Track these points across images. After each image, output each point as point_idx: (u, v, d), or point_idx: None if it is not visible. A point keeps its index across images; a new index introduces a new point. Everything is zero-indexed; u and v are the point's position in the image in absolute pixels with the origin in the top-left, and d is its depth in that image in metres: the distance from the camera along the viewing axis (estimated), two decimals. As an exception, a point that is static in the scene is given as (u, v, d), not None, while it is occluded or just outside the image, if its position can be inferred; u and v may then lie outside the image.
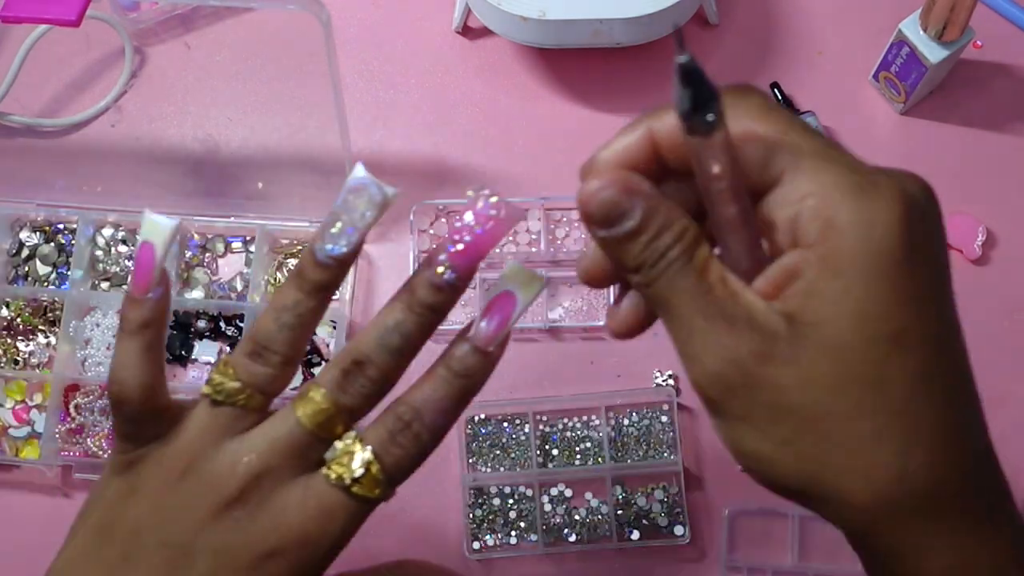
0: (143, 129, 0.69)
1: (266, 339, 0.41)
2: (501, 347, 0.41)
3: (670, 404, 0.61)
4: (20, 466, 0.62)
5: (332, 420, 0.40)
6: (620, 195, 0.33)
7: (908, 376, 0.32)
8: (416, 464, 0.41)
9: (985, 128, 0.68)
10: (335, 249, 0.40)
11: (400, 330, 0.41)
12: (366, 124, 0.69)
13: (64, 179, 0.68)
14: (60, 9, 0.50)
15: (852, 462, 0.33)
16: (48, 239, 0.66)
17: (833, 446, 0.33)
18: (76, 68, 0.70)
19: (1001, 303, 0.64)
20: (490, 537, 0.60)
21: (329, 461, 0.40)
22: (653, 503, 0.60)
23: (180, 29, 0.71)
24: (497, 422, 0.62)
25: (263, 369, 0.41)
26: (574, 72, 0.70)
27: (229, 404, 0.41)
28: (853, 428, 0.32)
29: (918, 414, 0.32)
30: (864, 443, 0.32)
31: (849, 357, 0.32)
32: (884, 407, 0.32)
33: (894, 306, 0.32)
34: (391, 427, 0.41)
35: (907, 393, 0.32)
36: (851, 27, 0.70)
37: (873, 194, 0.32)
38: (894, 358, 0.32)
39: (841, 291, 0.32)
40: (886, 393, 0.32)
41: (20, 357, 0.64)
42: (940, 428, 0.33)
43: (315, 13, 0.51)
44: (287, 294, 0.41)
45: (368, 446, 0.40)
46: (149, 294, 0.41)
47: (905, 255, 0.32)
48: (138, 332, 0.41)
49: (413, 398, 0.41)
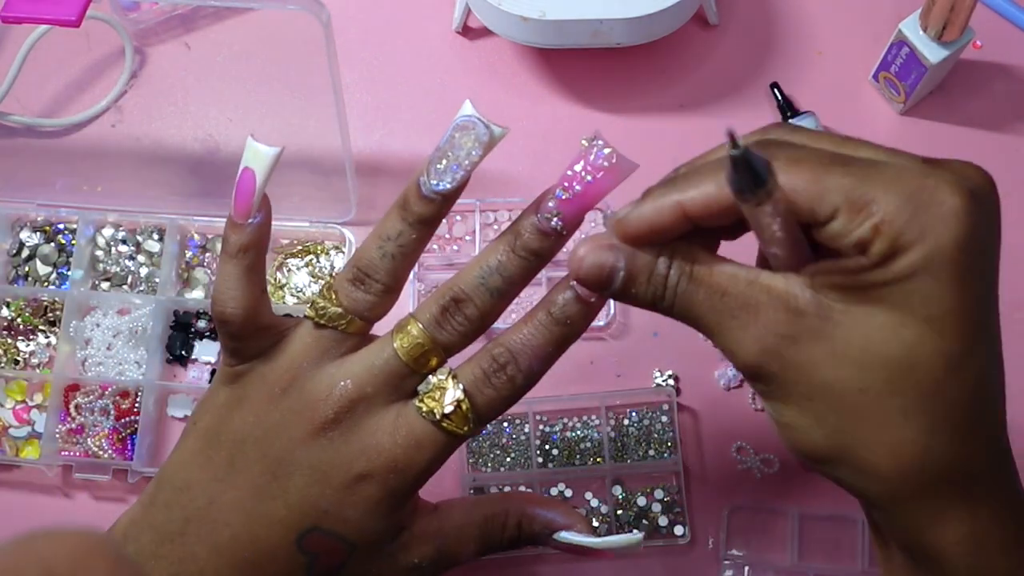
0: (143, 129, 0.69)
1: (368, 267, 0.42)
2: (602, 297, 0.41)
3: (670, 404, 0.61)
4: (20, 466, 0.62)
5: (427, 354, 0.42)
6: (601, 256, 0.37)
7: (941, 359, 0.33)
8: (507, 406, 0.42)
9: (985, 128, 0.68)
10: (440, 185, 0.41)
11: (501, 271, 0.41)
12: (366, 124, 0.69)
13: (64, 179, 0.68)
14: (60, 9, 0.50)
15: (879, 436, 0.33)
16: (48, 239, 0.66)
17: (862, 420, 0.34)
18: (76, 68, 0.70)
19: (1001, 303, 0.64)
20: (490, 537, 0.60)
21: (422, 394, 0.42)
22: (653, 503, 0.60)
23: (180, 29, 0.71)
24: (497, 422, 0.62)
25: (364, 296, 0.42)
26: (574, 72, 0.70)
27: (331, 327, 0.42)
28: (882, 404, 0.33)
29: (948, 397, 0.33)
30: (892, 419, 0.33)
31: (881, 335, 0.33)
32: (913, 386, 0.33)
33: (936, 293, 0.32)
34: (486, 367, 0.42)
35: (939, 376, 0.33)
36: (851, 27, 0.71)
37: (927, 197, 0.32)
38: (928, 340, 0.33)
39: (886, 288, 0.33)
40: (916, 373, 0.33)
41: (20, 357, 0.64)
42: (967, 413, 0.33)
43: (315, 13, 0.51)
44: (391, 224, 0.42)
45: (461, 384, 0.41)
46: (250, 219, 0.43)
47: (963, 255, 0.32)
48: (238, 255, 0.43)
49: (511, 341, 0.42)
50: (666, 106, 0.69)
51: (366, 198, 0.66)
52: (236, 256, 0.43)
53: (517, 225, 0.41)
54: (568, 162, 0.40)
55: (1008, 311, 0.63)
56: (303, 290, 0.65)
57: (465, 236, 0.66)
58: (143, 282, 0.65)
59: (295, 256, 0.66)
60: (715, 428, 0.62)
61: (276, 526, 0.41)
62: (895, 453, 0.33)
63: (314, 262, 0.66)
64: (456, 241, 0.66)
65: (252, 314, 0.43)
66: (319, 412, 0.41)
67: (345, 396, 0.41)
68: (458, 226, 0.66)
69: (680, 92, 0.69)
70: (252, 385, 0.43)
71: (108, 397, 0.62)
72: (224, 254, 0.43)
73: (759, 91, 0.69)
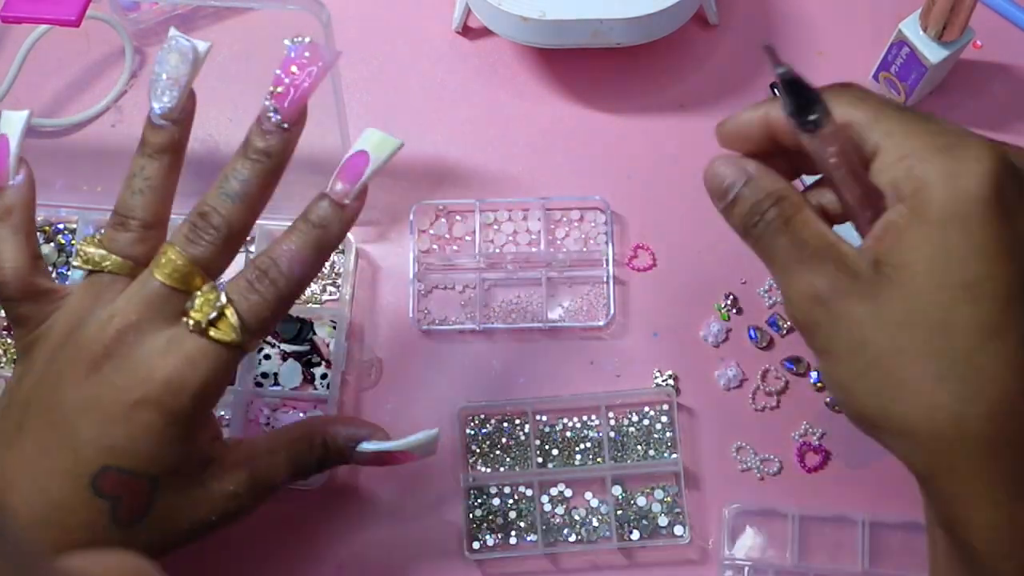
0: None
1: (122, 207, 0.45)
2: (358, 201, 0.45)
3: (670, 404, 0.61)
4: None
5: (188, 275, 0.43)
6: (727, 172, 0.39)
7: (976, 326, 0.34)
8: (274, 312, 0.44)
9: (985, 128, 0.68)
10: (160, 107, 0.44)
11: (237, 176, 0.44)
12: (366, 124, 0.68)
13: (64, 179, 0.68)
14: (60, 9, 0.50)
15: (916, 399, 0.34)
16: (48, 239, 0.66)
17: (900, 382, 0.35)
18: (76, 68, 0.70)
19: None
20: (490, 537, 0.60)
21: (189, 309, 0.43)
22: (653, 503, 0.60)
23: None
24: (497, 422, 0.62)
25: (124, 234, 0.45)
26: (574, 72, 0.70)
27: (98, 272, 0.44)
28: (918, 367, 0.34)
29: (982, 365, 0.34)
30: (926, 382, 0.34)
31: (921, 299, 0.34)
32: (947, 352, 0.34)
33: (970, 256, 0.34)
34: (249, 276, 0.44)
35: (973, 343, 0.34)
36: (851, 27, 0.71)
37: (960, 151, 0.35)
38: (963, 306, 0.34)
39: (923, 237, 0.34)
40: (951, 338, 0.34)
41: (20, 357, 0.64)
42: (1004, 383, 0.34)
43: (315, 13, 0.51)
44: (135, 162, 0.45)
45: (224, 294, 0.43)
46: (10, 181, 0.45)
47: (989, 208, 0.34)
48: (3, 217, 0.45)
49: (271, 250, 0.44)
50: (666, 106, 0.69)
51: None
52: (2, 219, 0.45)
53: (247, 136, 0.44)
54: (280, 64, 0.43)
55: (1008, 311, 0.64)
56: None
57: (465, 236, 0.66)
58: (143, 282, 0.65)
59: (295, 256, 0.66)
60: (715, 428, 0.62)
61: (64, 476, 0.41)
62: (930, 417, 0.34)
63: (314, 262, 0.66)
64: (456, 241, 0.66)
65: (25, 275, 0.44)
66: (91, 349, 0.42)
67: (113, 328, 0.42)
68: (458, 226, 0.66)
69: (680, 92, 0.69)
70: (38, 348, 0.44)
71: (108, 397, 0.62)
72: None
73: (759, 91, 0.69)
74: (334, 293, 0.65)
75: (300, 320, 0.64)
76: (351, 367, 0.63)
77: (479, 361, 0.64)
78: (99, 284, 0.44)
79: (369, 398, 0.63)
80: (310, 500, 0.61)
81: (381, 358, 0.64)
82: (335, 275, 0.66)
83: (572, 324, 0.64)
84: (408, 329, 0.64)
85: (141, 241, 0.44)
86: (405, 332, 0.64)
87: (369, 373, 0.63)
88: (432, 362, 0.64)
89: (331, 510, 0.61)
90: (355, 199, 0.45)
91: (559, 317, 0.64)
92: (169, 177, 0.45)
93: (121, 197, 0.45)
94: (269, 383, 0.63)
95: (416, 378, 0.63)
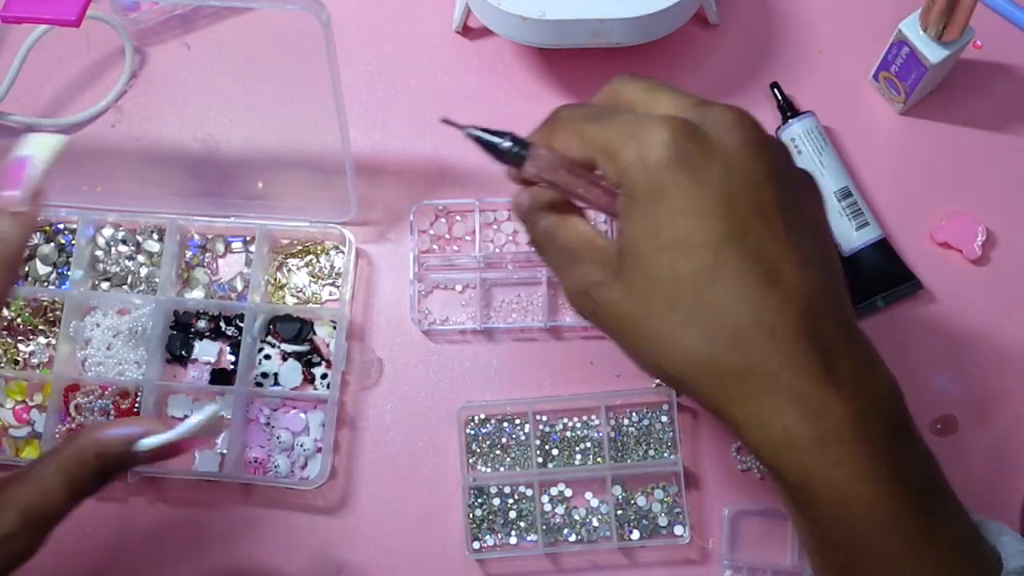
0: (143, 129, 0.69)
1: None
2: (34, 205, 0.44)
3: (670, 404, 0.61)
4: (20, 466, 0.62)
5: None
6: (520, 198, 0.47)
7: (694, 275, 0.38)
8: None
9: (985, 128, 0.68)
10: None
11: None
12: (366, 124, 0.69)
13: (64, 179, 0.68)
14: (60, 9, 0.50)
15: (673, 350, 0.39)
16: (48, 239, 0.66)
17: (658, 339, 0.40)
18: (76, 68, 0.70)
19: (1001, 303, 0.64)
20: (490, 537, 0.60)
21: None
22: (653, 503, 0.60)
23: (180, 29, 0.71)
24: (497, 422, 0.62)
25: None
26: (574, 72, 0.70)
27: None
28: (665, 323, 0.39)
29: (711, 305, 0.38)
30: (676, 334, 0.39)
31: (650, 265, 0.39)
32: (680, 302, 0.39)
33: (675, 216, 0.38)
34: None
35: (695, 290, 0.38)
36: (851, 27, 0.70)
37: (643, 131, 0.39)
38: (680, 260, 0.39)
39: (637, 213, 0.39)
40: (681, 290, 0.39)
41: (20, 357, 0.64)
42: (735, 316, 0.38)
43: (315, 13, 0.51)
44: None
45: None
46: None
47: (673, 171, 0.39)
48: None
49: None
50: (666, 106, 0.69)
51: (366, 198, 0.66)
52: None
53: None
54: None
55: (1008, 311, 0.64)
56: (303, 290, 0.65)
57: (465, 236, 0.66)
58: (143, 282, 0.65)
59: (295, 256, 0.66)
60: (715, 428, 0.62)
61: None
62: (687, 361, 0.39)
63: (314, 262, 0.66)
64: (456, 241, 0.66)
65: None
66: None
67: None
68: (458, 226, 0.66)
69: (680, 92, 0.69)
70: None
71: (108, 397, 0.62)
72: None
73: (759, 91, 0.69)
74: (334, 293, 0.65)
75: (300, 320, 0.64)
76: (351, 367, 0.63)
77: (479, 361, 0.64)
78: None
79: (369, 398, 0.63)
80: (310, 500, 0.61)
81: (381, 358, 0.64)
82: (335, 275, 0.66)
83: (572, 324, 0.64)
84: (408, 329, 0.64)
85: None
86: (405, 332, 0.64)
87: (369, 373, 0.63)
88: (432, 362, 0.64)
89: (332, 511, 0.61)
90: (29, 204, 0.44)
91: (559, 317, 0.64)
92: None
93: None
94: (269, 383, 0.63)
95: (416, 378, 0.64)
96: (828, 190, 0.64)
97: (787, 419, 0.38)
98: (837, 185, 0.64)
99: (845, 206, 0.64)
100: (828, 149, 0.65)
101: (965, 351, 0.63)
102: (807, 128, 0.65)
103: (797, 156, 0.65)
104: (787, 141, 0.66)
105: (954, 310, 0.64)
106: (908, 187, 0.66)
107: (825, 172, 0.64)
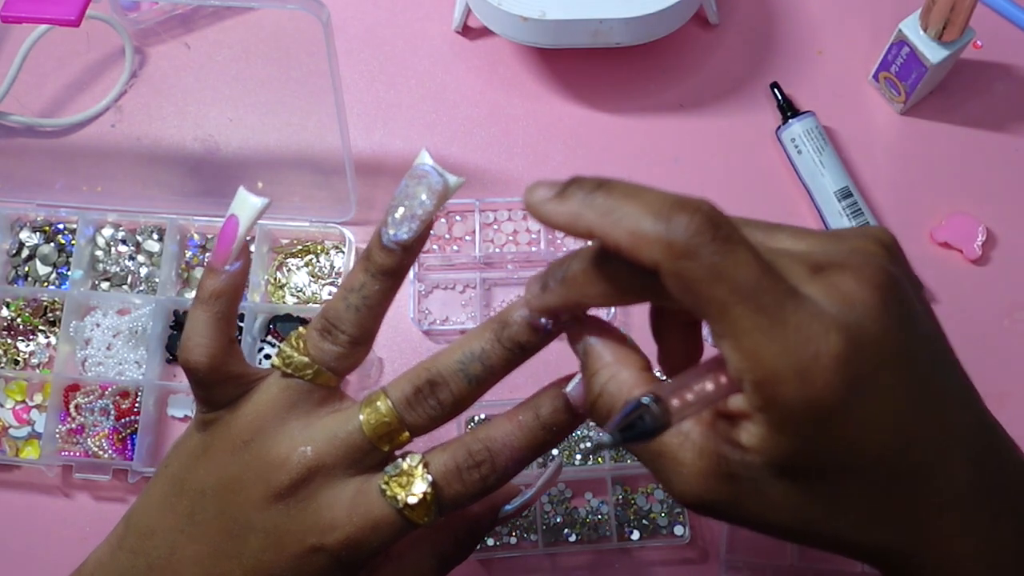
0: (143, 129, 0.69)
1: (335, 318, 0.41)
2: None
3: (670, 404, 0.61)
4: (20, 466, 0.62)
5: (392, 433, 0.40)
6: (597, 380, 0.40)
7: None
8: (472, 502, 0.41)
9: (985, 128, 0.68)
10: (397, 235, 0.40)
11: (483, 360, 0.40)
12: (366, 124, 0.69)
13: (64, 179, 0.68)
14: (60, 9, 0.50)
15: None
16: (48, 239, 0.66)
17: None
18: (76, 68, 0.70)
19: (1001, 303, 0.64)
20: (490, 537, 0.60)
21: (389, 475, 0.40)
22: (653, 503, 0.60)
23: (180, 29, 0.71)
24: (497, 422, 0.62)
25: (331, 347, 0.41)
26: (574, 72, 0.70)
27: (297, 377, 0.41)
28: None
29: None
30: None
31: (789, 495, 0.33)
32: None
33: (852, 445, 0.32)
34: (460, 461, 0.40)
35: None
36: (851, 27, 0.71)
37: (797, 337, 0.30)
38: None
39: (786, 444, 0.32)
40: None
41: (20, 357, 0.64)
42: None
43: (315, 13, 0.51)
44: (355, 276, 0.41)
45: (430, 475, 0.40)
46: (227, 266, 0.42)
47: (842, 395, 0.31)
48: (209, 301, 0.42)
49: (491, 438, 0.40)
50: (666, 106, 0.69)
51: (366, 198, 0.66)
52: (207, 301, 0.42)
53: (505, 315, 0.40)
54: None
55: (1008, 311, 0.64)
56: (303, 290, 0.65)
57: (465, 236, 0.66)
58: (143, 282, 0.65)
59: (295, 256, 0.66)
60: (715, 428, 0.62)
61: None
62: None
63: (314, 262, 0.66)
64: (456, 241, 0.66)
65: (218, 363, 0.42)
66: (277, 477, 0.40)
67: (304, 464, 0.40)
68: (458, 226, 0.66)
69: (680, 92, 0.69)
70: (218, 434, 0.42)
71: (108, 397, 0.62)
72: (196, 300, 0.42)
73: (759, 91, 0.69)
74: (334, 293, 0.65)
75: (300, 320, 0.64)
76: (351, 367, 0.63)
77: (479, 361, 0.64)
78: (295, 390, 0.41)
79: (369, 398, 0.63)
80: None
81: (381, 358, 0.64)
82: (335, 275, 0.66)
83: (572, 324, 0.64)
84: (408, 329, 0.64)
85: (346, 357, 0.41)
86: (405, 332, 0.64)
87: (369, 373, 0.63)
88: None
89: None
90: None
91: (559, 317, 0.64)
92: (387, 298, 0.41)
93: (333, 304, 0.41)
94: (269, 383, 0.63)
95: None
96: (828, 190, 0.64)
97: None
98: (837, 185, 0.64)
99: (845, 206, 0.64)
100: (828, 149, 0.65)
101: (965, 351, 0.63)
102: (807, 128, 0.65)
103: (797, 156, 0.65)
104: (787, 141, 0.66)
105: (954, 310, 0.64)
106: (908, 187, 0.66)
107: (825, 172, 0.64)
